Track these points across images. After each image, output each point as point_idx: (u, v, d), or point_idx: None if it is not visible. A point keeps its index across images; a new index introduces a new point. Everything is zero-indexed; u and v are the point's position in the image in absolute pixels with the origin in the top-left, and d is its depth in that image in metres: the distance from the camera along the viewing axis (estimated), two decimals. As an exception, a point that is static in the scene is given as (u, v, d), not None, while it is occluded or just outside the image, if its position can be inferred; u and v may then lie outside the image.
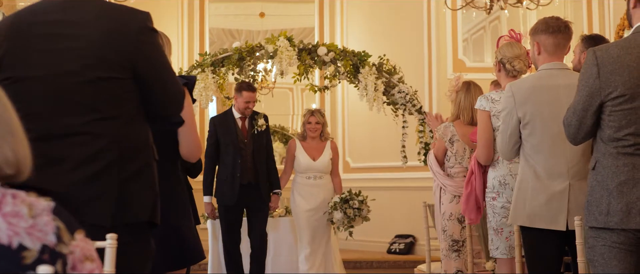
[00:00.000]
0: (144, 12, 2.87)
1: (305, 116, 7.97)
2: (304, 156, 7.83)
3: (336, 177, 8.02)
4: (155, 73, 2.89)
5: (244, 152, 7.45)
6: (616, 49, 3.28)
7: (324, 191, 7.83)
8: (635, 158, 3.22)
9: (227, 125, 7.53)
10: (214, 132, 7.54)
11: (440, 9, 9.78)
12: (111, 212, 2.70)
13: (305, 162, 7.81)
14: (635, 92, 3.20)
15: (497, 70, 4.80)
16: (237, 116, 7.55)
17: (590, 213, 3.32)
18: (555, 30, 4.11)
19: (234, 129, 7.49)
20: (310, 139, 7.90)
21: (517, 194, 4.10)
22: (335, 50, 7.83)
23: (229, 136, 7.47)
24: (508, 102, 4.11)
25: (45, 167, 2.68)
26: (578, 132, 3.39)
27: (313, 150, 7.86)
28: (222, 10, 10.70)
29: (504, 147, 4.17)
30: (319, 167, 7.82)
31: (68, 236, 1.52)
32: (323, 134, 7.94)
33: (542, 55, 4.13)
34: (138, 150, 2.84)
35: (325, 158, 7.86)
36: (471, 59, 10.34)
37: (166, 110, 3.03)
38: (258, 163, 7.50)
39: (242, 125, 7.55)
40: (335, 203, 7.61)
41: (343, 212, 7.55)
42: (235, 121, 7.54)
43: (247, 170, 7.44)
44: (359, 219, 7.63)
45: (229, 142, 7.45)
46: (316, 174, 7.81)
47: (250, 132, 7.52)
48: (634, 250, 3.26)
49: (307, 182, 7.83)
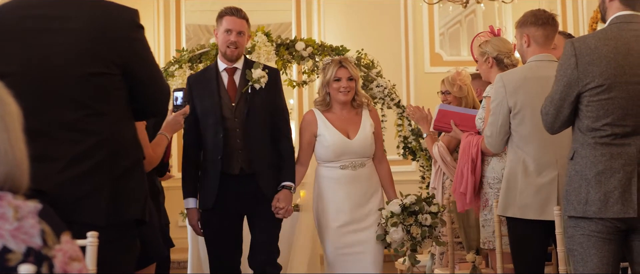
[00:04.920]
0: (132, 9, 2.88)
1: (328, 69, 5.05)
2: (333, 134, 4.97)
3: (382, 164, 5.15)
4: (147, 69, 2.91)
5: (229, 124, 4.76)
6: (594, 40, 3.31)
7: (368, 187, 5.01)
8: (613, 148, 3.26)
9: (207, 82, 4.87)
10: (190, 97, 4.83)
11: (417, 3, 9.79)
12: (105, 210, 2.70)
13: (335, 143, 4.94)
14: (613, 83, 3.23)
15: (489, 65, 4.82)
16: (222, 67, 4.88)
17: (569, 202, 3.36)
18: (545, 22, 4.17)
19: (216, 87, 4.81)
20: (339, 107, 5.05)
21: (506, 185, 4.13)
22: (313, 45, 7.83)
23: (207, 99, 4.81)
24: (499, 92, 4.15)
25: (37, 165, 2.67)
26: (555, 121, 3.43)
27: (346, 123, 5.04)
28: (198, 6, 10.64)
29: (494, 138, 4.20)
30: (358, 149, 4.97)
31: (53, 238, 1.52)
32: (356, 97, 5.07)
33: (531, 47, 4.17)
34: (128, 147, 2.84)
35: (366, 132, 5.00)
36: (448, 52, 10.37)
37: (156, 106, 3.04)
38: (254, 140, 4.77)
39: (229, 81, 4.85)
40: (393, 215, 4.76)
41: (406, 230, 4.72)
42: (218, 75, 4.86)
43: (235, 151, 4.75)
44: (429, 241, 4.89)
45: (208, 109, 4.80)
46: (355, 160, 4.96)
47: (242, 92, 4.81)
48: (612, 239, 3.30)
49: (340, 174, 4.95)
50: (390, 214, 4.74)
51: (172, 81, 7.65)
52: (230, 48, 4.78)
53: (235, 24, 4.78)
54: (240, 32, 4.79)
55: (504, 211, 4.14)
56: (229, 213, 4.77)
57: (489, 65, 4.82)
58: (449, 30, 10.70)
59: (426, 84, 9.46)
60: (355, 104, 5.06)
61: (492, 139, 4.22)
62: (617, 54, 3.25)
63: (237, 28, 4.78)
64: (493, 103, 4.19)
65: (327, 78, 5.02)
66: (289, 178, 4.84)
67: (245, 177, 4.76)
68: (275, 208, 4.74)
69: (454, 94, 5.55)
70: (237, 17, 4.79)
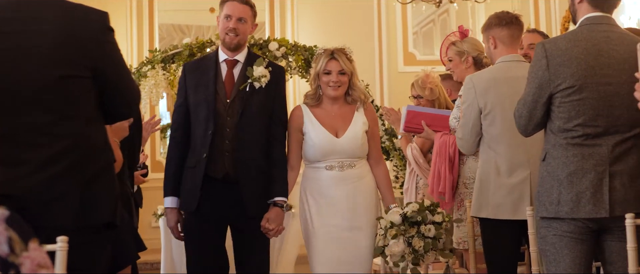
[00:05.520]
0: (102, 12, 2.86)
1: (318, 60, 4.60)
2: (319, 131, 4.50)
3: (379, 165, 4.66)
4: (117, 72, 2.89)
5: (221, 121, 4.31)
6: (564, 41, 3.33)
7: (357, 190, 4.50)
8: (584, 148, 3.28)
9: (203, 72, 4.45)
10: (183, 86, 4.46)
11: (391, 3, 9.81)
12: (74, 214, 2.67)
13: (321, 142, 4.48)
14: (584, 84, 3.25)
15: (468, 65, 4.84)
16: (222, 57, 4.45)
17: (541, 203, 3.37)
18: (508, 22, 4.22)
19: (213, 78, 4.37)
20: (329, 102, 4.59)
21: (479, 186, 4.15)
22: (286, 45, 7.82)
23: (202, 90, 4.38)
24: (469, 93, 4.17)
25: (6, 169, 2.65)
26: (529, 123, 3.44)
27: (335, 120, 4.56)
28: (171, 5, 10.58)
29: (466, 139, 4.22)
30: (346, 148, 4.48)
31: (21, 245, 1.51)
32: (351, 92, 4.61)
33: (498, 48, 4.21)
34: (98, 150, 2.82)
35: (357, 131, 4.51)
36: (421, 52, 10.39)
37: (126, 108, 3.02)
38: (244, 144, 4.31)
39: (227, 73, 4.42)
40: (392, 225, 4.24)
41: (407, 242, 4.21)
42: (217, 65, 4.43)
43: (222, 153, 4.29)
44: (431, 254, 4.26)
45: (201, 102, 4.36)
46: (342, 160, 4.48)
47: (240, 89, 4.37)
48: (584, 239, 3.32)
49: (326, 176, 4.48)
50: (390, 224, 4.23)
51: (144, 82, 7.62)
52: (229, 35, 4.37)
53: (236, 10, 4.37)
54: (241, 18, 4.37)
55: (477, 212, 4.15)
56: (212, 219, 4.32)
57: (468, 64, 4.83)
58: (422, 29, 10.73)
59: (400, 84, 9.47)
60: (350, 99, 4.59)
61: (464, 141, 4.24)
62: (588, 55, 3.26)
63: (237, 14, 4.37)
64: (464, 105, 4.21)
65: (316, 70, 4.57)
66: (280, 192, 4.36)
67: (230, 185, 4.29)
68: (265, 229, 4.29)
69: (426, 97, 5.44)
70: (238, 2, 4.40)
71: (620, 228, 3.23)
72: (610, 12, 3.41)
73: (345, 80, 4.53)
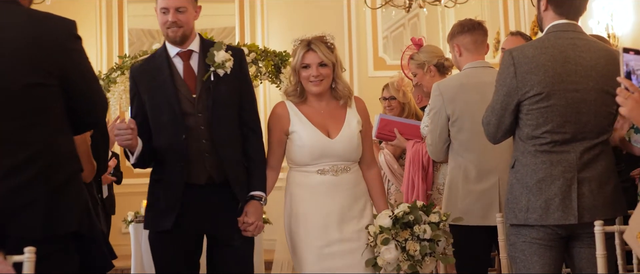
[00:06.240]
0: (69, 20, 2.84)
1: (295, 53, 4.05)
2: (310, 131, 3.95)
3: (371, 169, 4.12)
4: (84, 81, 2.87)
5: (191, 121, 3.84)
6: (531, 49, 3.35)
7: (353, 197, 3.95)
8: (553, 155, 3.29)
9: (155, 72, 3.93)
10: (136, 93, 3.97)
11: (360, 8, 9.83)
12: (41, 223, 2.65)
13: (313, 143, 3.92)
14: (551, 91, 3.26)
15: (432, 74, 4.86)
16: (173, 51, 3.95)
17: (511, 210, 3.38)
18: (471, 28, 4.25)
19: (169, 77, 3.87)
20: (315, 99, 4.04)
21: (448, 193, 4.17)
22: (256, 51, 7.81)
23: (159, 92, 3.88)
24: (436, 101, 4.18)
25: None
26: (497, 130, 3.44)
27: (325, 118, 4.01)
28: (141, 10, 10.53)
29: (435, 146, 4.23)
30: (341, 151, 3.93)
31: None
32: (336, 85, 4.03)
33: (464, 55, 4.24)
34: (65, 159, 2.80)
35: (353, 131, 3.97)
36: (391, 57, 10.42)
37: (93, 117, 3.00)
38: (223, 139, 3.87)
39: (185, 68, 3.93)
40: (382, 230, 3.74)
41: (400, 247, 3.69)
42: (170, 61, 3.93)
43: (201, 155, 3.83)
44: (430, 261, 3.74)
45: (161, 105, 3.86)
46: (336, 164, 3.92)
47: (204, 81, 3.89)
48: (553, 245, 3.33)
49: (318, 182, 3.92)
50: (380, 229, 3.72)
51: (114, 87, 7.57)
52: (171, 28, 3.87)
53: (170, 1, 3.87)
54: (178, 8, 3.86)
55: None
56: (189, 234, 3.85)
57: (431, 73, 4.85)
58: (392, 34, 10.77)
59: (370, 88, 9.48)
60: (337, 94, 4.01)
61: (433, 148, 4.26)
62: (555, 62, 3.28)
63: (173, 4, 3.86)
64: (431, 112, 4.23)
65: (293, 64, 4.02)
66: (258, 186, 3.90)
67: (214, 188, 3.84)
68: (243, 224, 3.83)
69: (399, 99, 5.45)
70: None
71: (589, 235, 3.25)
72: (576, 20, 3.42)
73: (328, 72, 3.95)
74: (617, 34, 8.46)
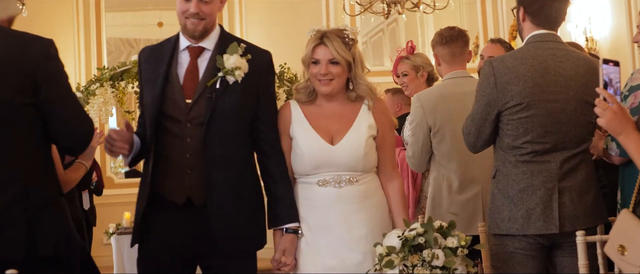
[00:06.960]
0: (47, 39, 2.81)
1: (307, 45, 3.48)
2: (309, 136, 3.44)
3: (392, 181, 3.53)
4: (63, 101, 2.83)
5: (176, 129, 3.29)
6: (511, 59, 3.35)
7: (358, 214, 3.38)
8: (533, 165, 3.30)
9: (158, 62, 3.37)
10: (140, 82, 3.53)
11: (339, 14, 9.84)
12: (22, 245, 2.63)
13: (311, 150, 3.41)
14: (531, 101, 3.27)
15: (423, 79, 4.87)
16: (184, 44, 3.38)
17: (493, 220, 3.39)
18: (449, 40, 4.25)
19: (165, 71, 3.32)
20: (325, 99, 3.51)
21: (431, 203, 4.17)
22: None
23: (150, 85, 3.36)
24: (417, 112, 4.19)
25: None
26: (477, 140, 3.45)
27: (331, 121, 3.47)
28: (119, 20, 10.50)
29: (416, 157, 4.24)
30: (343, 159, 3.39)
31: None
32: (354, 86, 3.47)
33: (442, 65, 4.27)
34: (44, 181, 2.78)
35: (359, 137, 3.42)
36: (371, 63, 10.44)
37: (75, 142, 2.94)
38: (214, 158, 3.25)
39: (190, 65, 3.35)
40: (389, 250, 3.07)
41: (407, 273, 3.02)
42: (175, 54, 3.37)
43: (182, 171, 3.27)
44: None
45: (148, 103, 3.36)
46: (339, 174, 3.38)
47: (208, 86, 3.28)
48: (535, 255, 3.34)
49: (319, 195, 3.40)
50: (387, 251, 3.08)
51: (93, 100, 7.53)
52: (191, 20, 3.29)
53: None
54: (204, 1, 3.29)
55: None
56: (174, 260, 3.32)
57: (423, 79, 4.86)
58: (371, 39, 10.78)
59: (350, 95, 9.49)
60: (354, 95, 3.47)
61: (415, 159, 4.27)
62: (534, 72, 3.29)
63: None
64: (412, 124, 4.23)
65: (303, 57, 3.48)
66: (290, 216, 3.36)
67: (196, 211, 3.27)
68: (277, 264, 3.35)
69: None
70: None
71: (570, 244, 3.26)
72: (555, 29, 3.43)
73: (339, 71, 3.40)
74: (595, 37, 8.50)
